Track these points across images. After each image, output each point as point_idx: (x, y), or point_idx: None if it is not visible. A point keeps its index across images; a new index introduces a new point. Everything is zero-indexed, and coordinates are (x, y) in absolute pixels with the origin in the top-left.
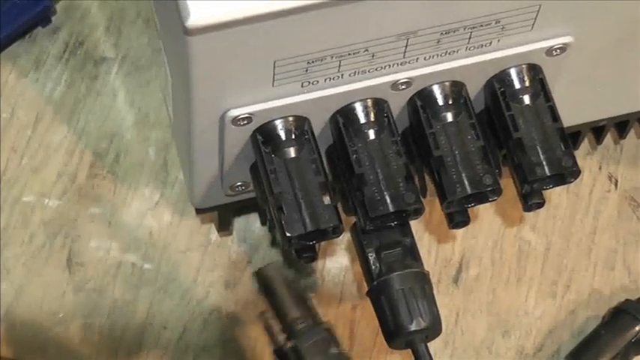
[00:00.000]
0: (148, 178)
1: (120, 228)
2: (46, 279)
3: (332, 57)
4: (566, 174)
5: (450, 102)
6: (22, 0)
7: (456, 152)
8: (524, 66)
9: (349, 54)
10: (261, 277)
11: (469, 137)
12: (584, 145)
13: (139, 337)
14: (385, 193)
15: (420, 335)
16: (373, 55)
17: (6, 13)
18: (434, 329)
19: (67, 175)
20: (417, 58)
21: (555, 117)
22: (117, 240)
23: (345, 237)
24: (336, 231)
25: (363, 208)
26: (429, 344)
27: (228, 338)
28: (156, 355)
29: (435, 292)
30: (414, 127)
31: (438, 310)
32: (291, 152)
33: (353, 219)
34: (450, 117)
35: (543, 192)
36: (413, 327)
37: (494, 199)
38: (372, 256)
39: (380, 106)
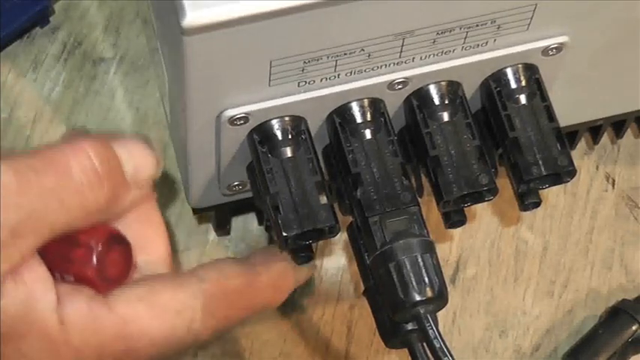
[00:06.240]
0: None
1: None
2: None
3: (328, 57)
4: (562, 173)
5: (446, 102)
6: (20, 0)
7: (452, 152)
8: (520, 66)
9: (345, 54)
10: None
11: (465, 137)
12: (582, 144)
13: None
14: (381, 192)
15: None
16: (369, 55)
17: (5, 13)
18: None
19: None
20: (413, 58)
21: (551, 117)
22: None
23: (342, 236)
24: (333, 230)
25: (360, 208)
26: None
27: (226, 337)
28: None
29: None
30: (411, 126)
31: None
32: (288, 152)
33: (350, 218)
34: (446, 116)
35: (540, 192)
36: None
37: (491, 199)
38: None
39: (376, 105)
